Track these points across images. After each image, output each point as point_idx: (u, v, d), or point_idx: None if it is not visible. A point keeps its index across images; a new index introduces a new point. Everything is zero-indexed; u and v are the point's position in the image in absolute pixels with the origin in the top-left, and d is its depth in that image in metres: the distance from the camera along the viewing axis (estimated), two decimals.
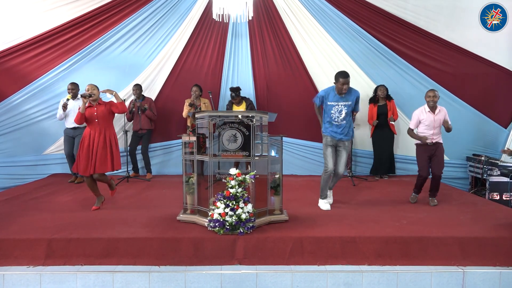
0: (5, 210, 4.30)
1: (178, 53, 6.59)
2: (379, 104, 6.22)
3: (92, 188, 4.40)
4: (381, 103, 6.23)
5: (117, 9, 6.37)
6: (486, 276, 3.31)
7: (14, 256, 3.33)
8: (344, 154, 4.40)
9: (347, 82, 4.25)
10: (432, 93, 4.56)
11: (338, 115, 4.31)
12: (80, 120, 4.29)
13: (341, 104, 4.31)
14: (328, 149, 4.38)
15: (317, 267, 3.35)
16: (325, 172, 4.39)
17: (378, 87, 6.26)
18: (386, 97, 6.23)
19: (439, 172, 4.56)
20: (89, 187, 4.39)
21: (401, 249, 3.43)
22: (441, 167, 4.59)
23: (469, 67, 6.52)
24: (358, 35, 6.54)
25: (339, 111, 4.31)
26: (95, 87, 4.41)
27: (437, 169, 4.57)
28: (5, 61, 6.25)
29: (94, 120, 4.31)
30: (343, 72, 4.31)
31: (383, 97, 6.21)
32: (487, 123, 6.61)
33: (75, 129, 5.84)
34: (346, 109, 4.31)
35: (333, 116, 4.33)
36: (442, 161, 4.61)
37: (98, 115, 4.32)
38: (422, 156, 4.63)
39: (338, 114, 4.31)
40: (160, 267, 3.31)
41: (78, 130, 5.83)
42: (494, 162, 6.00)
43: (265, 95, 6.73)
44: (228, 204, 3.47)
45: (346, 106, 4.31)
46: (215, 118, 3.71)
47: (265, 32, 6.65)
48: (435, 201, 4.66)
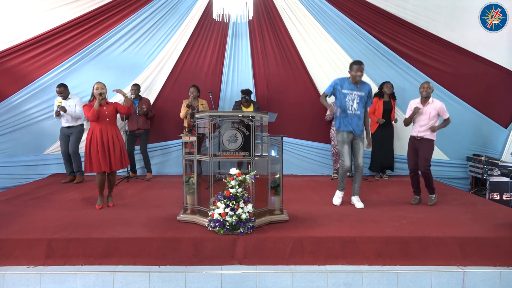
0: (5, 210, 4.30)
1: (178, 53, 6.59)
2: (384, 100, 6.21)
3: (102, 185, 4.42)
4: (386, 99, 6.22)
5: (117, 9, 6.38)
6: (486, 276, 3.31)
7: (14, 256, 3.33)
8: (362, 146, 4.50)
9: (361, 69, 4.35)
10: (426, 84, 4.58)
11: (352, 104, 4.37)
12: (94, 116, 4.28)
13: (355, 93, 4.37)
14: (345, 147, 4.45)
15: (317, 267, 3.35)
16: (342, 168, 4.51)
17: (385, 84, 6.22)
18: (391, 94, 6.23)
19: (422, 168, 4.51)
20: (100, 184, 4.39)
21: (401, 249, 3.43)
22: (424, 163, 4.50)
23: (469, 67, 6.52)
24: (358, 35, 6.55)
25: (353, 100, 4.36)
26: (104, 86, 4.46)
27: (421, 165, 4.54)
28: (5, 61, 6.25)
29: (106, 119, 4.35)
30: (357, 60, 4.46)
31: (389, 94, 6.20)
32: (487, 123, 6.61)
33: (69, 127, 5.89)
34: (359, 99, 4.37)
35: (347, 104, 4.37)
36: (426, 157, 4.51)
37: (109, 114, 4.37)
38: (409, 150, 4.68)
39: (352, 102, 4.37)
40: (160, 267, 3.31)
41: (72, 128, 5.89)
42: (494, 162, 6.01)
43: (265, 95, 6.73)
44: (228, 204, 3.47)
45: (360, 97, 4.37)
46: (215, 118, 3.71)
47: (265, 32, 6.65)
48: (433, 200, 4.62)
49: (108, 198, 4.56)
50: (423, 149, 4.54)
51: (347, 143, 4.45)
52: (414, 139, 4.63)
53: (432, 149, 4.58)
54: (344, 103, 4.39)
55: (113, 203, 4.56)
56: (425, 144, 4.54)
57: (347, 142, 4.45)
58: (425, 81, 4.72)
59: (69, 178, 5.96)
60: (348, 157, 4.45)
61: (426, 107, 4.54)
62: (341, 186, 4.61)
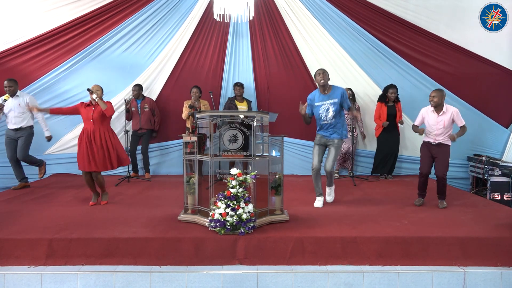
0: (6, 210, 4.31)
1: (179, 53, 6.59)
2: (388, 105, 6.18)
3: (89, 184, 4.52)
4: (390, 104, 6.20)
5: (118, 9, 6.38)
6: (487, 276, 3.30)
7: (15, 256, 3.34)
8: (333, 151, 4.46)
9: (319, 73, 4.39)
10: (433, 93, 4.49)
11: (326, 114, 4.39)
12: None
13: (327, 103, 4.39)
14: (315, 148, 4.52)
15: (318, 267, 3.35)
16: (312, 169, 4.53)
17: (389, 88, 6.14)
18: (395, 99, 6.21)
19: (441, 173, 4.48)
20: (86, 183, 4.52)
21: (402, 249, 3.43)
22: (443, 169, 4.47)
23: (469, 67, 6.52)
24: (359, 35, 6.54)
25: (327, 110, 4.39)
26: (99, 87, 4.54)
27: (439, 170, 4.50)
28: (6, 61, 6.26)
29: (90, 120, 4.40)
30: (318, 68, 4.53)
31: (393, 99, 6.17)
32: (488, 123, 6.60)
33: (17, 130, 5.37)
34: (333, 107, 4.38)
35: (321, 115, 4.41)
36: (445, 163, 4.49)
37: (93, 116, 4.41)
38: (423, 153, 4.63)
39: (326, 113, 4.39)
40: (161, 267, 3.31)
41: (20, 131, 5.38)
42: (495, 162, 6.00)
43: (266, 95, 6.73)
44: (229, 204, 3.47)
45: (333, 104, 4.38)
46: (215, 118, 3.72)
47: (266, 32, 6.65)
48: (444, 203, 4.56)
49: (102, 196, 4.61)
50: (442, 154, 4.48)
51: (319, 145, 4.51)
52: (430, 145, 4.56)
53: (449, 154, 4.55)
54: (318, 115, 4.44)
55: (106, 201, 4.61)
56: (443, 149, 4.50)
57: (318, 144, 4.51)
58: (434, 89, 4.57)
59: (19, 185, 5.51)
60: (317, 157, 4.48)
61: (440, 117, 4.47)
62: (317, 191, 4.58)
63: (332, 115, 4.37)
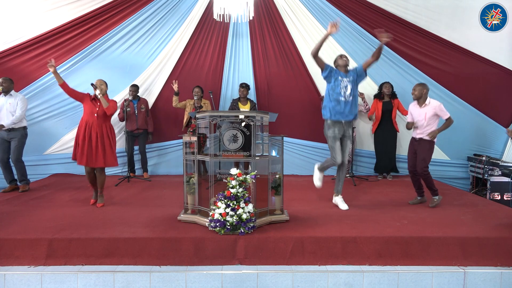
0: (6, 210, 4.31)
1: (179, 53, 6.60)
2: (384, 101, 6.23)
3: (91, 181, 4.50)
4: (385, 99, 6.23)
5: (118, 9, 6.38)
6: (487, 276, 3.30)
7: (15, 256, 3.33)
8: (349, 144, 4.52)
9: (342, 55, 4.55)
10: (414, 86, 4.55)
11: (345, 91, 4.38)
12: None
13: (345, 80, 4.41)
14: (336, 143, 4.43)
15: (318, 267, 3.35)
16: (332, 163, 4.46)
17: (383, 84, 6.26)
18: (390, 95, 6.23)
19: (419, 169, 4.47)
20: (88, 179, 4.50)
21: (402, 249, 3.43)
22: (420, 164, 4.46)
23: (469, 66, 6.52)
24: (359, 35, 6.55)
25: (345, 87, 4.39)
26: (103, 82, 4.50)
27: (417, 165, 4.50)
28: (6, 61, 6.25)
29: (94, 114, 4.37)
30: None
31: (388, 94, 6.21)
32: (488, 123, 6.61)
33: (10, 131, 5.19)
34: (351, 85, 4.40)
35: (341, 91, 4.38)
36: (423, 158, 4.46)
37: (98, 111, 4.38)
38: (409, 149, 4.68)
39: (345, 89, 4.39)
40: (161, 267, 3.31)
41: (13, 132, 5.20)
42: (495, 162, 6.00)
43: (266, 95, 6.73)
44: (229, 204, 3.47)
45: (351, 82, 4.41)
46: (215, 118, 3.72)
47: (266, 32, 6.65)
48: (434, 202, 4.55)
49: (98, 197, 4.55)
50: (421, 150, 4.50)
51: (338, 139, 4.45)
52: (414, 141, 4.63)
53: (431, 150, 4.52)
54: (339, 90, 4.38)
55: (102, 204, 4.50)
56: (424, 145, 4.50)
57: (338, 138, 4.44)
58: (416, 83, 4.63)
59: (9, 187, 5.35)
60: (340, 153, 4.44)
61: (421, 109, 4.50)
62: (323, 170, 4.56)
63: (350, 93, 4.38)
